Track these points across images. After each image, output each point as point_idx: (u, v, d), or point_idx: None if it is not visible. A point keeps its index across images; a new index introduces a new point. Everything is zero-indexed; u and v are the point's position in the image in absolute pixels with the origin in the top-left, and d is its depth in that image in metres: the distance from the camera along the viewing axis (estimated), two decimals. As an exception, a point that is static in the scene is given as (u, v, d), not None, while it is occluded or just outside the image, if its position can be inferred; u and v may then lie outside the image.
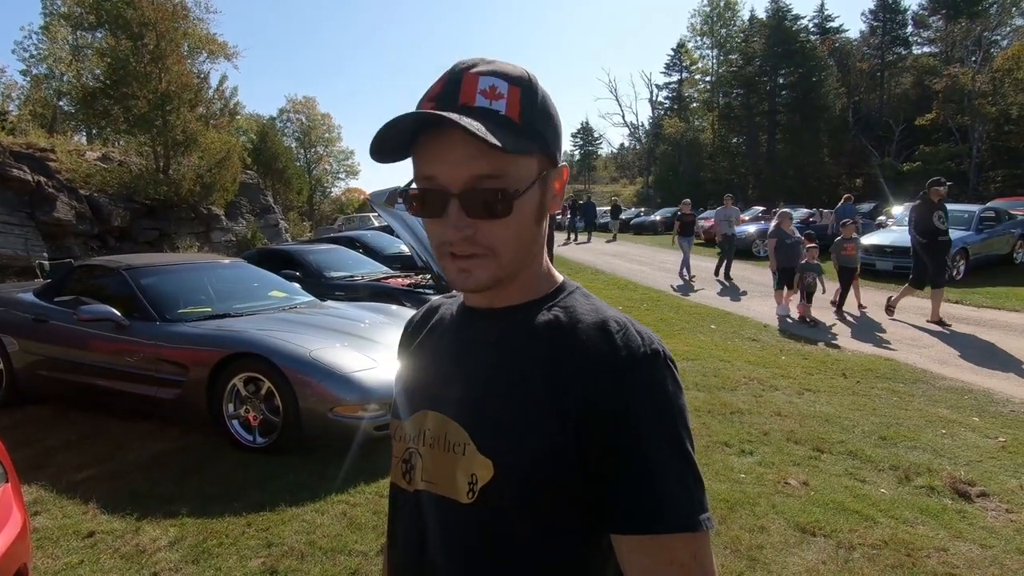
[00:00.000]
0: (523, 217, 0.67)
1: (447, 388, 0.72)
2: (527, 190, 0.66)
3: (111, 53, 15.14)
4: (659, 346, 0.66)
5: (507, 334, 0.71)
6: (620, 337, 0.65)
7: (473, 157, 0.63)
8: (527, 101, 0.66)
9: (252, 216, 19.25)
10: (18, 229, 11.67)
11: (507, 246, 0.67)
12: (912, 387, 5.17)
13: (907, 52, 35.76)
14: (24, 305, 4.77)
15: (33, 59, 29.85)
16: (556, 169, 0.71)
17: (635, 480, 0.61)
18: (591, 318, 0.68)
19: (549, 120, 0.69)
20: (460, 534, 0.68)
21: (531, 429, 0.64)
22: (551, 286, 0.74)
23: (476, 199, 0.64)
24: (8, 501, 2.01)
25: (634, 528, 0.61)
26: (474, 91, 0.64)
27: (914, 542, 2.74)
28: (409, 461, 0.74)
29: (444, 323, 0.81)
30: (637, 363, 0.63)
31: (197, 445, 3.89)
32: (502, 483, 0.65)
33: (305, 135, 45.02)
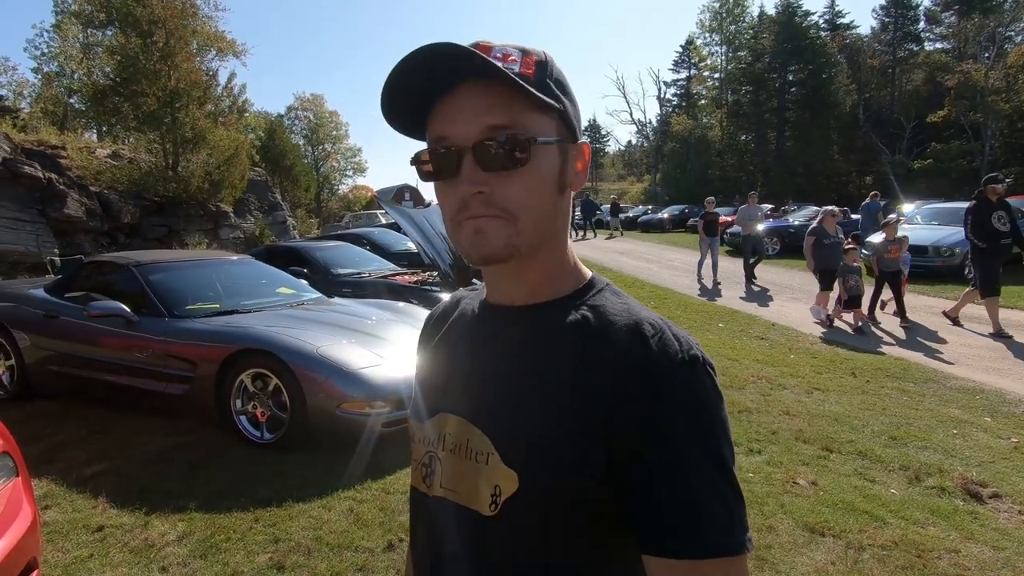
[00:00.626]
0: (541, 175, 0.63)
1: (469, 392, 0.69)
2: (547, 143, 0.63)
3: (121, 51, 15.23)
4: (698, 351, 0.61)
5: (533, 336, 0.66)
6: (656, 341, 0.60)
7: (488, 108, 0.60)
8: (542, 66, 0.64)
9: (260, 213, 19.34)
10: (29, 226, 11.78)
11: (523, 207, 0.62)
12: (923, 387, 5.12)
13: (919, 48, 35.41)
14: (35, 301, 4.81)
15: (44, 57, 30.11)
16: (576, 145, 0.68)
17: (671, 499, 0.56)
18: (623, 319, 0.63)
19: (566, 92, 0.66)
20: (480, 546, 0.65)
21: (559, 440, 0.60)
22: (578, 282, 0.69)
23: (490, 149, 0.60)
24: (18, 495, 2.02)
25: (669, 552, 0.56)
26: (488, 54, 0.62)
27: (925, 543, 2.71)
28: (429, 465, 0.71)
29: (465, 320, 0.76)
30: (673, 370, 0.58)
31: (205, 441, 3.91)
32: (527, 496, 0.61)
33: (313, 132, 45.18)
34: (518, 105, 0.60)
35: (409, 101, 0.64)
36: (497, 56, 0.62)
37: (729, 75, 40.84)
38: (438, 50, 0.59)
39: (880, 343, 6.81)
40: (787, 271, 12.82)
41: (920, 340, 6.81)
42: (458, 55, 0.59)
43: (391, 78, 0.61)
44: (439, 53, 0.59)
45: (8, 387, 4.80)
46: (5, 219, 11.42)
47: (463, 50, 0.58)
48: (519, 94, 0.60)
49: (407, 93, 0.63)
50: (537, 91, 0.61)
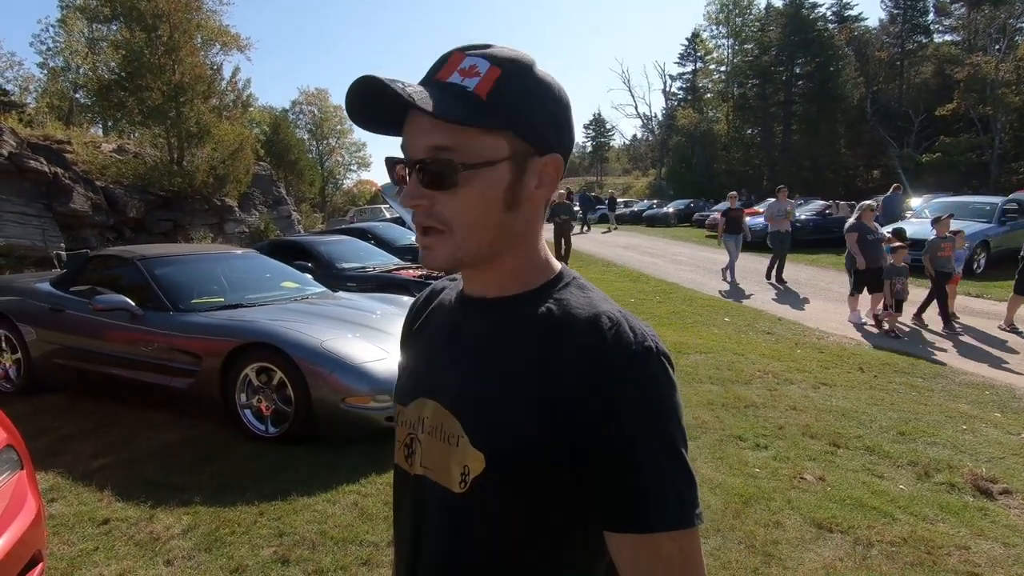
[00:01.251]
0: (477, 195, 0.65)
1: (443, 378, 0.73)
2: (480, 166, 0.64)
3: (126, 45, 15.22)
4: (652, 342, 0.64)
5: (499, 327, 0.70)
6: (612, 333, 0.64)
7: (431, 128, 0.63)
8: (504, 81, 0.64)
9: (265, 207, 19.35)
10: (36, 220, 11.82)
11: (461, 223, 0.66)
12: (931, 382, 5.08)
13: (928, 41, 34.98)
14: (41, 295, 4.82)
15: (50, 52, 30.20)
16: (542, 158, 0.68)
17: (623, 478, 0.61)
18: (584, 312, 0.67)
19: (534, 104, 0.66)
20: (453, 521, 0.69)
21: (521, 426, 0.64)
22: (546, 277, 0.73)
23: (427, 169, 0.64)
24: (23, 488, 2.02)
25: (621, 526, 0.61)
26: (453, 68, 0.65)
27: (934, 540, 2.69)
28: (410, 446, 0.76)
29: (443, 309, 0.80)
30: (628, 359, 0.62)
31: (210, 434, 3.92)
32: (492, 476, 0.65)
33: (317, 127, 45.15)
34: (461, 128, 0.63)
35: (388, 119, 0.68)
36: (463, 69, 0.64)
37: (735, 68, 40.47)
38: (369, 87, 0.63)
39: (929, 348, 6.28)
40: (792, 266, 12.73)
41: (980, 347, 6.25)
42: (384, 93, 0.62)
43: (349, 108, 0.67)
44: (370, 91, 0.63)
45: (15, 381, 4.82)
46: (12, 213, 11.46)
47: (388, 89, 0.61)
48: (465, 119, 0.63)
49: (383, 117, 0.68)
50: (481, 113, 0.63)
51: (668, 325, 7.25)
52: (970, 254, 10.22)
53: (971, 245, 10.48)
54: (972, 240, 10.53)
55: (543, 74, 0.68)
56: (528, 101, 0.66)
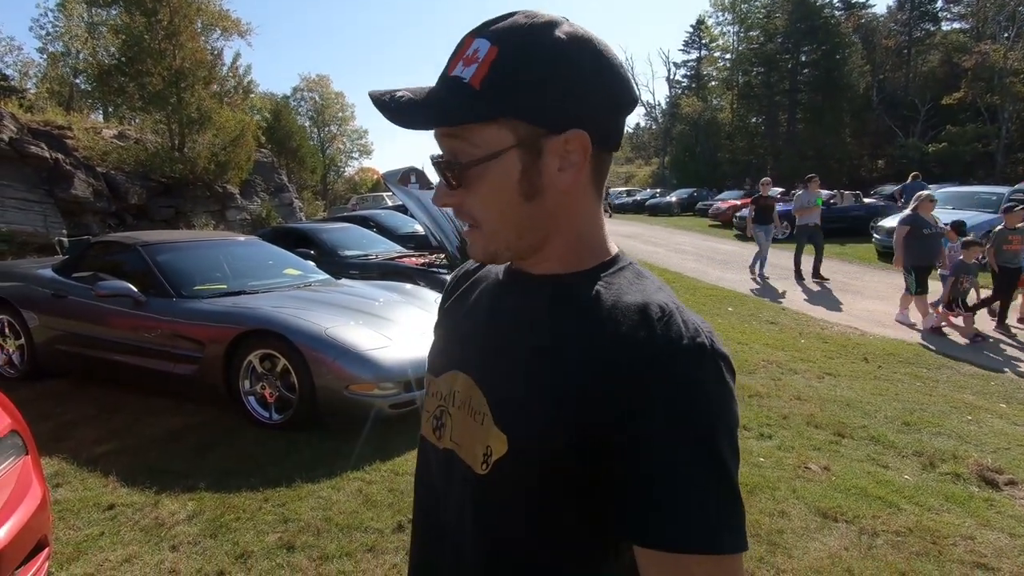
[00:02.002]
0: (491, 189, 0.62)
1: (477, 352, 0.69)
2: (482, 160, 0.60)
3: (125, 30, 15.09)
4: (706, 338, 0.57)
5: (540, 304, 0.65)
6: (661, 324, 0.57)
7: (442, 129, 0.63)
8: (501, 61, 0.59)
9: (267, 195, 19.29)
10: (37, 206, 11.80)
11: (486, 218, 0.64)
12: (936, 372, 5.06)
13: (936, 28, 34.63)
14: (44, 281, 4.81)
15: (49, 37, 29.94)
16: (559, 136, 0.60)
17: (654, 487, 0.54)
18: (633, 299, 0.61)
19: (538, 79, 0.59)
20: (474, 501, 0.66)
21: (546, 410, 0.59)
22: (598, 259, 0.67)
23: (442, 169, 0.64)
24: (28, 474, 2.02)
25: (649, 541, 0.54)
26: (460, 57, 0.61)
27: (940, 530, 2.68)
28: (440, 419, 0.72)
29: (488, 280, 0.76)
30: (675, 355, 0.56)
31: (214, 421, 3.92)
32: (513, 460, 0.61)
33: (319, 114, 44.89)
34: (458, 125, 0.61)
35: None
36: (467, 56, 0.60)
37: (740, 56, 40.09)
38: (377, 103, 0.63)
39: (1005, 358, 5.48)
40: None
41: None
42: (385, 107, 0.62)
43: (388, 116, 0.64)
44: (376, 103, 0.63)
45: (18, 366, 4.82)
46: (14, 199, 11.43)
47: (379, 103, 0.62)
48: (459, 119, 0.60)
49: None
50: (478, 103, 0.59)
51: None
52: None
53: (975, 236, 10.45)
54: (977, 231, 10.48)
55: (562, 36, 0.60)
56: (530, 77, 0.59)
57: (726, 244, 15.10)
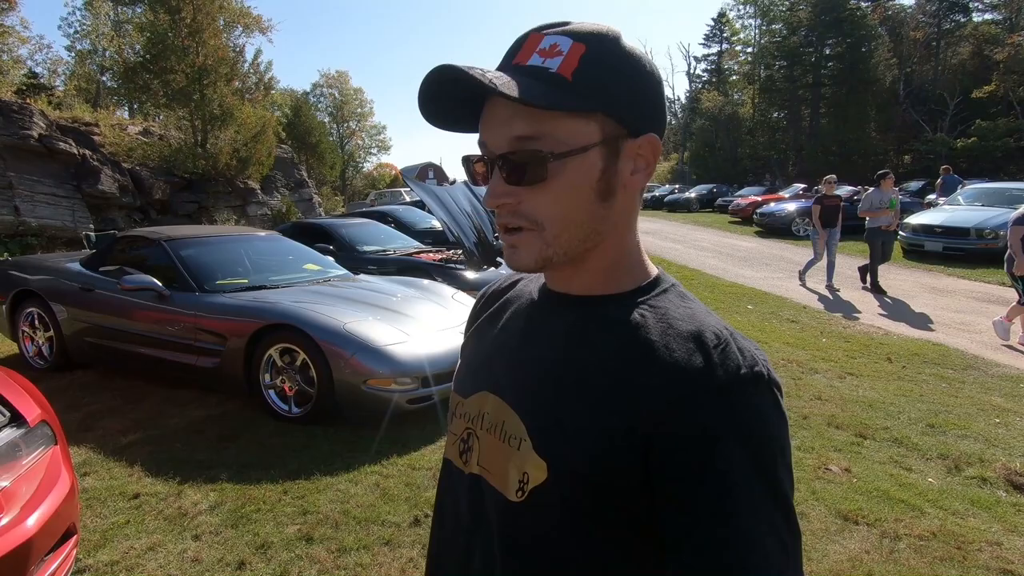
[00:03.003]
0: (569, 187, 0.59)
1: (511, 374, 0.67)
2: (571, 154, 0.58)
3: (150, 27, 15.37)
4: (763, 368, 0.56)
5: (581, 326, 0.63)
6: (718, 353, 0.56)
7: (511, 118, 0.58)
8: (590, 57, 0.58)
9: (287, 190, 19.52)
10: (66, 201, 12.09)
11: (552, 219, 0.60)
12: (963, 373, 4.94)
13: (966, 20, 33.57)
14: (72, 274, 4.92)
15: (77, 35, 30.61)
16: (636, 139, 0.61)
17: (718, 521, 0.51)
18: (685, 325, 0.59)
19: (624, 81, 0.59)
20: (506, 529, 0.63)
21: (594, 437, 0.57)
22: (641, 279, 0.65)
23: (512, 163, 0.59)
24: (57, 462, 2.07)
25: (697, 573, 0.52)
26: (532, 50, 0.59)
27: (965, 535, 2.62)
28: (467, 441, 0.70)
29: (521, 300, 0.73)
30: (734, 385, 0.54)
31: (235, 413, 3.99)
32: (554, 488, 0.59)
33: (338, 110, 45.22)
34: (545, 113, 0.57)
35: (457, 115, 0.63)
36: (543, 49, 0.59)
37: (762, 49, 39.38)
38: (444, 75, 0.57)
39: None
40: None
41: None
42: (459, 79, 0.57)
43: (425, 111, 0.62)
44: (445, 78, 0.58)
45: (48, 358, 4.96)
46: (43, 195, 11.74)
47: (463, 74, 0.56)
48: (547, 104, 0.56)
49: (453, 113, 0.62)
50: (569, 95, 0.57)
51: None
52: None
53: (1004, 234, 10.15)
54: (1005, 228, 10.19)
55: (631, 47, 0.61)
56: (618, 78, 0.59)
57: (746, 241, 14.91)
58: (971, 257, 10.27)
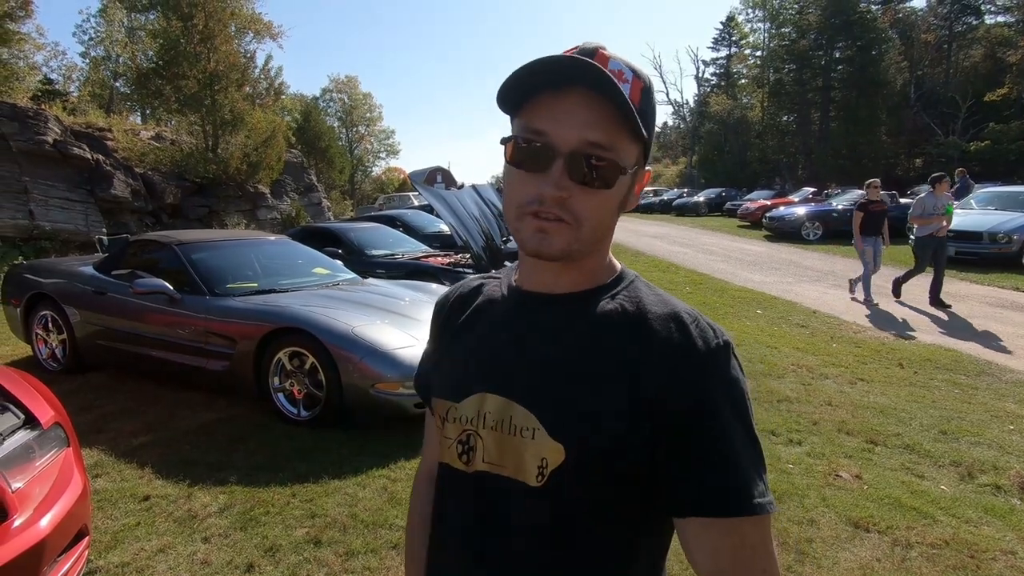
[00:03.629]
0: (614, 196, 0.68)
1: (510, 372, 0.71)
2: (628, 170, 0.67)
3: (163, 34, 15.58)
4: (728, 337, 0.69)
5: (574, 321, 0.71)
6: (695, 329, 0.67)
7: (590, 123, 0.64)
8: (647, 94, 0.68)
9: (296, 194, 19.67)
10: (79, 205, 12.24)
11: (592, 220, 0.67)
12: (976, 380, 4.88)
13: (978, 22, 33.29)
14: (85, 278, 4.98)
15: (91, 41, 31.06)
16: (643, 171, 0.72)
17: (712, 462, 0.63)
18: (661, 309, 0.70)
19: (653, 122, 0.70)
20: (527, 516, 0.69)
21: (605, 415, 0.65)
22: (611, 274, 0.75)
23: (582, 164, 0.65)
24: (70, 464, 2.10)
25: (708, 510, 0.63)
26: (605, 65, 0.65)
27: (978, 543, 2.59)
28: (467, 443, 0.73)
29: (495, 305, 0.79)
30: (713, 354, 0.66)
31: (244, 416, 4.02)
32: (573, 467, 0.66)
33: (347, 115, 45.55)
34: (617, 128, 0.64)
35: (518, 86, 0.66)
36: (613, 70, 0.65)
37: (772, 53, 39.24)
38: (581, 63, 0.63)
39: None
40: (829, 256, 12.40)
41: None
42: (587, 69, 0.62)
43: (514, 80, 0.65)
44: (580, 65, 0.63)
45: (61, 360, 5.02)
46: (57, 199, 11.89)
47: (593, 67, 0.62)
48: (626, 119, 0.64)
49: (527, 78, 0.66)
50: (639, 120, 0.65)
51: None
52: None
53: (1018, 238, 10.03)
54: (1020, 233, 10.07)
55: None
56: (653, 119, 0.70)
57: (755, 245, 14.84)
58: (984, 262, 10.16)
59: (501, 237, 7.41)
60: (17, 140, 11.34)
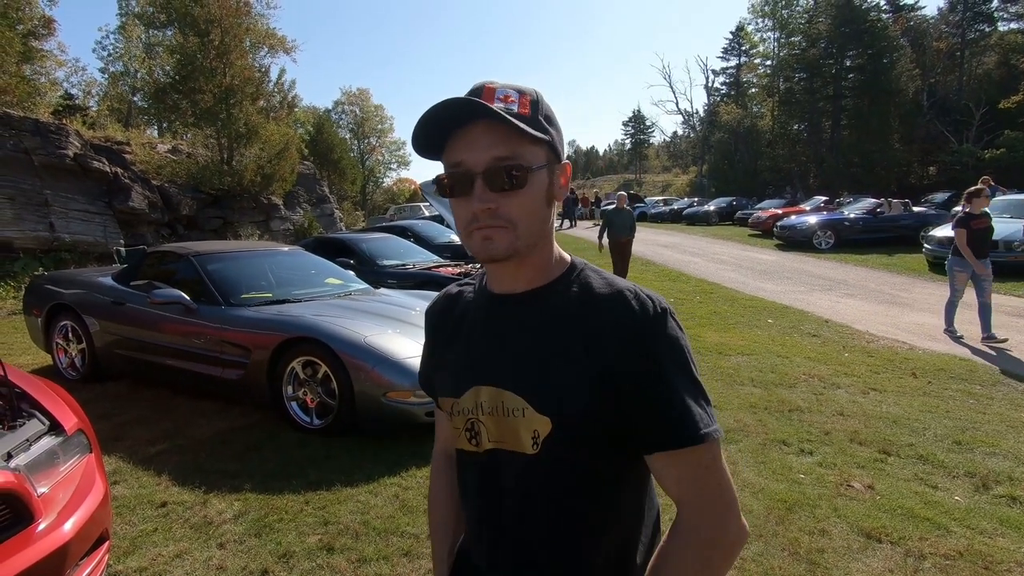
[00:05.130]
0: (535, 193, 0.80)
1: (496, 365, 0.85)
2: (539, 169, 0.80)
3: (180, 49, 15.89)
4: (666, 304, 0.82)
5: (540, 315, 0.84)
6: (637, 303, 0.80)
7: (493, 143, 0.77)
8: (536, 103, 0.81)
9: (309, 206, 19.89)
10: (98, 217, 12.48)
11: (523, 218, 0.79)
12: (991, 389, 4.83)
13: (991, 29, 33.04)
14: (104, 288, 5.10)
15: (110, 57, 31.76)
16: (560, 165, 0.85)
17: (665, 408, 0.77)
18: (608, 290, 0.83)
19: (553, 124, 0.83)
20: (530, 480, 0.84)
21: (579, 387, 0.79)
22: (562, 267, 0.88)
23: (497, 175, 0.78)
24: (92, 470, 2.16)
25: (667, 445, 0.77)
26: (492, 97, 0.79)
27: (993, 555, 2.56)
28: (472, 429, 0.88)
29: (473, 310, 0.93)
30: (653, 320, 0.79)
31: (258, 424, 4.07)
32: (559, 433, 0.80)
33: (359, 126, 46.10)
34: (516, 140, 0.77)
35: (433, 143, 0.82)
36: (500, 98, 0.79)
37: (781, 62, 39.24)
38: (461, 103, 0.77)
39: None
40: (841, 265, 12.30)
41: None
42: (476, 107, 0.77)
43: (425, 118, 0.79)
44: (462, 105, 0.77)
45: (80, 369, 5.12)
46: (76, 211, 12.13)
47: (480, 104, 0.76)
48: (518, 131, 0.77)
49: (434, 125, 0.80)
50: (532, 128, 0.78)
51: (709, 325, 7.12)
52: None
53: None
54: None
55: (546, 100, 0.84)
56: (550, 119, 0.83)
57: (766, 254, 14.77)
58: (1000, 270, 10.01)
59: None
60: (39, 154, 11.61)
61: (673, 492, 0.80)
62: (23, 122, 11.78)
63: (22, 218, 11.20)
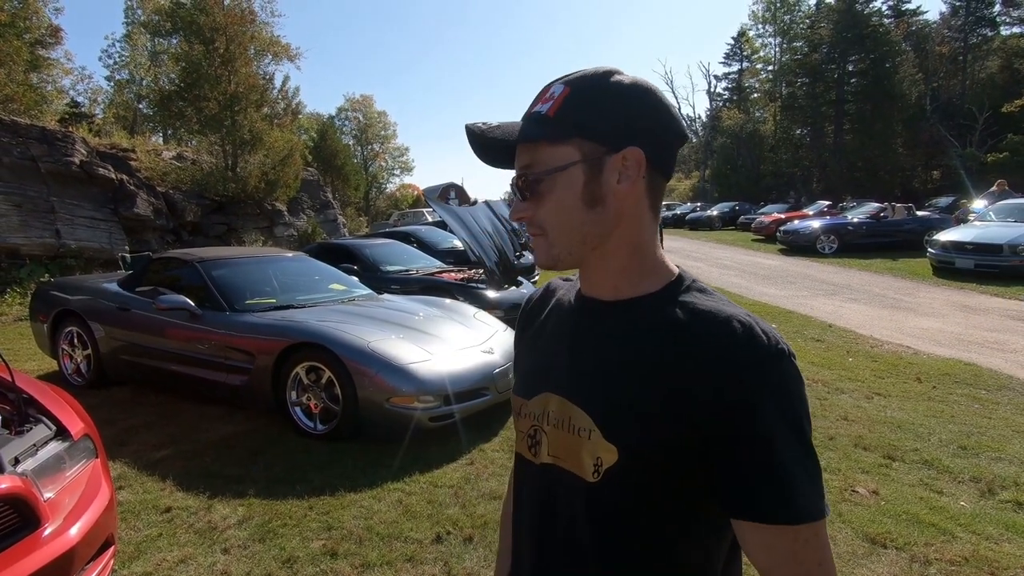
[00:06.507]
0: (562, 197, 0.72)
1: (569, 375, 0.77)
2: (552, 172, 0.72)
3: (185, 57, 16.03)
4: (784, 345, 0.68)
5: (626, 329, 0.74)
6: (744, 336, 0.67)
7: (520, 153, 0.75)
8: (571, 97, 0.72)
9: (312, 212, 19.96)
10: (104, 224, 12.55)
11: (551, 226, 0.74)
12: (996, 394, 4.81)
13: (994, 34, 33.01)
14: (109, 294, 5.13)
15: (116, 65, 32.02)
16: (617, 153, 0.72)
17: (767, 472, 0.64)
18: (713, 315, 0.70)
19: (599, 109, 0.72)
20: (585, 507, 0.74)
21: (657, 421, 0.68)
22: (664, 280, 0.77)
23: (519, 186, 0.76)
24: (98, 475, 2.17)
25: (765, 518, 0.65)
26: (540, 98, 0.75)
27: (999, 560, 2.55)
28: (534, 437, 0.81)
29: (562, 309, 0.85)
30: (765, 361, 0.65)
31: (262, 429, 4.08)
32: (626, 467, 0.70)
33: (362, 133, 46.28)
34: (535, 146, 0.74)
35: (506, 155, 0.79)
36: (544, 97, 0.75)
37: (783, 67, 39.29)
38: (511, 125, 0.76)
39: None
40: (844, 270, 12.27)
41: None
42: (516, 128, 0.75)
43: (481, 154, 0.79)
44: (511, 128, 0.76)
45: (85, 375, 5.14)
46: (82, 218, 12.21)
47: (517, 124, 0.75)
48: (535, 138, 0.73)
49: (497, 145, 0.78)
50: (549, 129, 0.72)
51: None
52: None
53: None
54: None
55: (619, 79, 0.73)
56: (593, 108, 0.72)
57: (770, 259, 14.75)
58: (1004, 274, 10.00)
59: (514, 253, 7.47)
60: (46, 162, 11.70)
61: (761, 563, 0.66)
62: (30, 130, 11.88)
63: (28, 225, 11.27)
